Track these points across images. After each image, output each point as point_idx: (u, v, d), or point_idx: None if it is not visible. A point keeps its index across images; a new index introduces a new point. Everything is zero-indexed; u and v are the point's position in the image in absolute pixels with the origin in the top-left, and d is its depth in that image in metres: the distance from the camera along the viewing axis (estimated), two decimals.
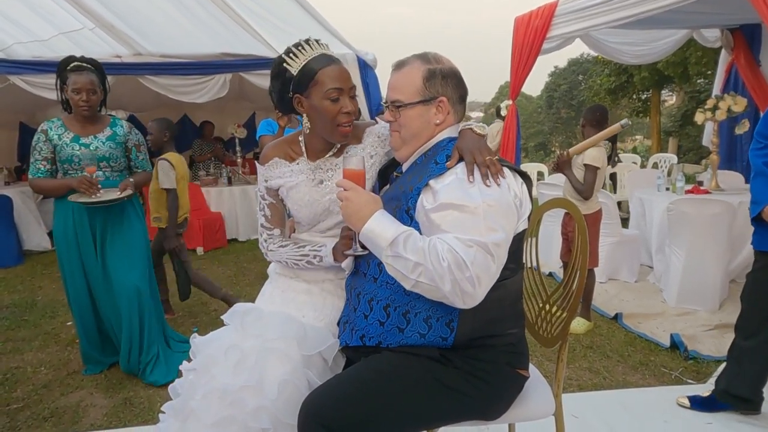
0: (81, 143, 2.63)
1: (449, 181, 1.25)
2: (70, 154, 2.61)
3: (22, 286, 4.60)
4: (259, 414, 1.33)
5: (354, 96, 1.46)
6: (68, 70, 2.61)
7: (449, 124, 1.39)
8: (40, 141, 2.60)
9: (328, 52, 1.47)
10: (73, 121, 2.67)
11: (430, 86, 1.34)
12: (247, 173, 6.75)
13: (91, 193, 2.53)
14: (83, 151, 2.63)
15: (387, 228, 1.21)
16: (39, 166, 2.61)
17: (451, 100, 1.37)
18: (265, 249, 1.58)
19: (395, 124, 1.39)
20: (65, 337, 3.38)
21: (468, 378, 1.30)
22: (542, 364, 2.81)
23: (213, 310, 3.81)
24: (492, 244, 1.16)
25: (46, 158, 2.61)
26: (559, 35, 4.43)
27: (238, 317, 1.51)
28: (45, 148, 2.61)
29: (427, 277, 1.14)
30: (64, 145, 2.61)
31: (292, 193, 1.53)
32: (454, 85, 1.37)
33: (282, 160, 1.55)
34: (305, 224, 1.57)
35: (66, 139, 2.61)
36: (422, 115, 1.36)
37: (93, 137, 2.66)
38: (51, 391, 2.67)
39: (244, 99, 7.64)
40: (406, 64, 1.37)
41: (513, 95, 4.95)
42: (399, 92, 1.36)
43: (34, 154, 2.61)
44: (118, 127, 2.76)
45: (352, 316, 1.40)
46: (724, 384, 2.27)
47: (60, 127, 2.64)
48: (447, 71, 1.36)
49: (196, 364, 1.47)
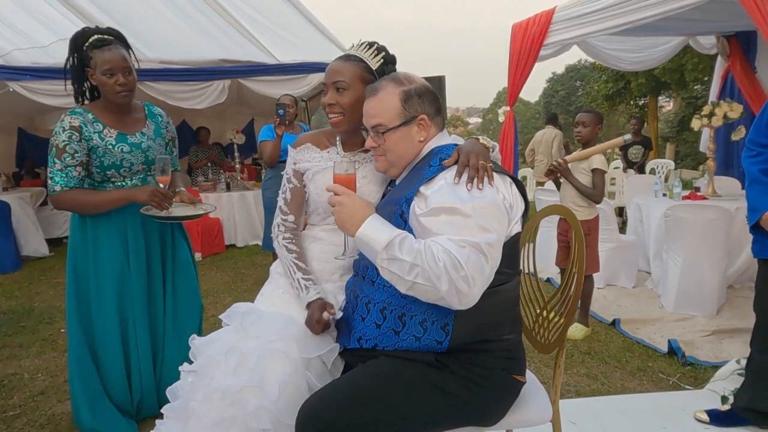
0: (130, 143, 2.07)
1: (438, 186, 1.27)
2: (118, 159, 2.05)
3: (19, 292, 4.59)
4: (259, 414, 1.34)
5: (339, 89, 1.48)
6: (89, 47, 2.01)
7: (432, 137, 1.42)
8: (72, 141, 1.97)
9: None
10: (106, 113, 2.07)
11: (408, 107, 1.37)
12: (245, 179, 6.76)
13: (163, 208, 1.99)
14: (134, 154, 2.08)
15: (382, 232, 1.22)
16: (72, 174, 1.99)
17: (430, 115, 1.40)
18: (275, 234, 1.62)
19: (380, 149, 1.41)
20: (62, 343, 3.36)
21: (464, 383, 1.30)
22: (540, 369, 2.81)
23: (211, 315, 3.80)
24: (485, 244, 1.17)
25: (81, 163, 2.00)
26: (557, 42, 4.46)
27: (238, 318, 1.51)
28: (80, 150, 1.99)
29: (424, 278, 1.15)
30: (109, 147, 2.03)
31: (317, 178, 1.57)
32: (430, 100, 1.41)
33: (314, 146, 1.61)
34: (322, 212, 1.59)
35: (110, 138, 2.04)
36: (406, 135, 1.38)
37: (140, 134, 2.11)
38: (48, 397, 2.66)
39: (243, 105, 7.67)
40: (381, 89, 1.39)
41: (511, 101, 4.96)
42: (380, 117, 1.38)
43: (64, 158, 1.97)
44: (157, 116, 2.22)
45: (351, 318, 1.42)
46: (745, 400, 2.19)
47: (95, 122, 2.02)
48: (421, 89, 1.39)
49: (196, 366, 1.47)
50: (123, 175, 2.11)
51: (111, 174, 2.08)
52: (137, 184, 2.16)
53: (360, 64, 1.48)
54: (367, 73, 1.49)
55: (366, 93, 1.42)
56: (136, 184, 2.16)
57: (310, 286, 1.51)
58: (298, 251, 1.58)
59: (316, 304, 1.46)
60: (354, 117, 1.49)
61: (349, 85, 1.46)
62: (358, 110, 1.47)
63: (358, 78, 1.47)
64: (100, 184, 2.11)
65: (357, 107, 1.47)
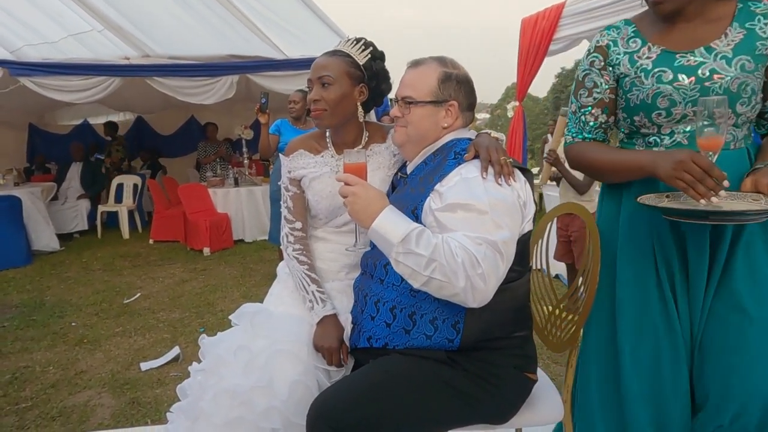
0: (677, 66, 1.25)
1: (454, 183, 1.25)
2: (650, 94, 1.27)
3: (30, 286, 4.63)
4: (269, 414, 1.33)
5: (325, 84, 1.45)
6: None
7: (456, 128, 1.40)
8: (593, 69, 1.36)
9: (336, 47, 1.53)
10: (653, 24, 1.31)
11: (443, 88, 1.35)
12: (253, 174, 6.77)
13: (702, 195, 1.09)
14: (684, 84, 1.24)
15: (398, 224, 1.20)
16: (585, 118, 1.39)
17: (462, 105, 1.38)
18: (284, 246, 1.60)
19: (402, 120, 1.39)
20: (73, 336, 3.40)
21: (477, 381, 1.29)
22: (549, 366, 2.79)
23: (219, 310, 3.82)
24: (501, 242, 1.16)
25: (602, 102, 1.36)
26: (566, 36, 4.41)
27: (247, 318, 1.50)
28: (601, 83, 1.35)
29: (441, 273, 1.14)
30: (640, 74, 1.28)
31: (314, 184, 1.54)
32: (467, 91, 1.39)
33: (306, 152, 1.58)
34: (323, 217, 1.58)
35: (646, 61, 1.28)
36: (431, 115, 1.36)
37: (706, 49, 1.24)
38: (59, 390, 2.68)
39: (251, 100, 7.65)
40: (423, 64, 1.39)
41: (519, 97, 4.93)
42: (412, 89, 1.37)
43: (579, 96, 1.39)
44: (759, 17, 1.25)
45: (360, 318, 1.40)
46: None
47: (632, 39, 1.32)
48: (462, 77, 1.38)
49: (205, 365, 1.47)
50: (657, 123, 1.29)
51: (639, 121, 1.32)
52: (681, 143, 1.28)
53: (346, 59, 1.47)
54: (353, 68, 1.47)
55: (408, 65, 1.41)
56: (680, 143, 1.28)
57: (326, 300, 1.49)
58: (310, 263, 1.55)
59: (333, 328, 1.44)
60: (337, 112, 1.46)
61: (335, 79, 1.44)
62: (343, 106, 1.46)
63: (345, 73, 1.45)
64: (628, 140, 1.40)
65: (341, 103, 1.46)
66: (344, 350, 1.43)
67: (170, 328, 3.50)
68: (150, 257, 5.69)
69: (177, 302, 4.06)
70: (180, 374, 2.79)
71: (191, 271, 5.04)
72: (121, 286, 4.58)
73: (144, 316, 3.77)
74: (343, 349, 1.43)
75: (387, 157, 1.57)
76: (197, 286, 4.50)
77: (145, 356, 3.06)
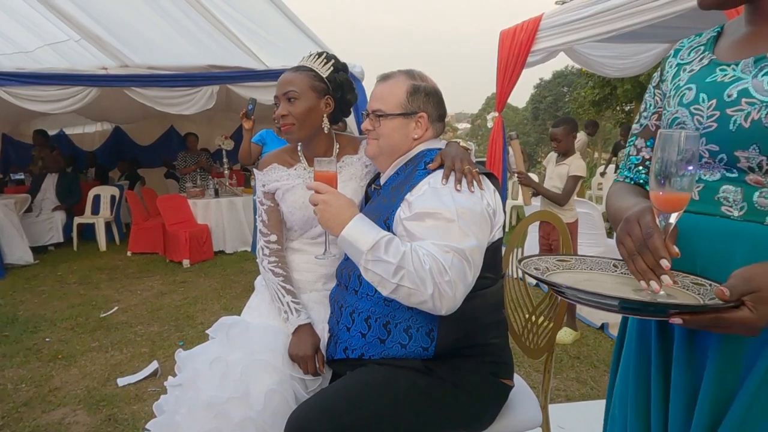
0: (708, 82, 0.91)
1: (423, 192, 1.27)
2: (675, 119, 0.94)
3: (2, 301, 4.50)
4: (245, 425, 1.32)
5: (291, 99, 1.48)
6: None
7: (427, 139, 1.43)
8: (652, 83, 1.07)
9: (300, 62, 1.56)
10: (734, 27, 0.98)
11: (412, 101, 1.38)
12: (234, 185, 6.72)
13: (645, 277, 0.83)
14: (701, 109, 0.90)
15: (368, 232, 1.21)
16: (630, 151, 1.10)
17: (431, 117, 1.41)
18: (260, 259, 1.61)
19: (374, 133, 1.42)
20: (47, 352, 3.31)
21: (452, 388, 1.30)
22: (529, 374, 2.81)
23: (199, 323, 3.76)
24: (468, 250, 1.18)
25: (646, 132, 1.06)
26: (544, 49, 4.50)
27: (224, 330, 1.50)
28: (651, 105, 1.06)
29: (410, 280, 1.15)
30: (673, 90, 0.97)
31: (288, 196, 1.56)
32: (435, 103, 1.42)
33: (280, 165, 1.60)
34: (298, 229, 1.59)
35: (687, 73, 0.96)
36: (402, 127, 1.39)
37: (739, 65, 0.87)
38: (32, 408, 2.61)
39: (231, 111, 7.64)
40: (392, 77, 1.42)
41: (499, 107, 5.00)
42: (381, 102, 1.39)
43: (635, 122, 1.10)
44: None
45: (336, 328, 1.40)
46: None
47: (704, 41, 1.00)
48: (430, 89, 1.41)
49: (182, 379, 1.45)
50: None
51: None
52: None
53: (310, 73, 1.50)
54: (317, 81, 1.51)
55: (377, 78, 1.44)
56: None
57: (301, 310, 1.51)
58: (285, 274, 1.57)
59: (308, 336, 1.45)
60: (305, 126, 1.50)
61: (300, 94, 1.48)
62: (311, 119, 1.49)
63: (309, 87, 1.49)
64: None
65: (309, 116, 1.49)
66: (320, 358, 1.43)
67: (148, 342, 3.44)
68: (128, 270, 5.59)
69: (155, 315, 3.99)
70: (158, 389, 2.74)
71: (170, 283, 4.97)
72: (97, 299, 4.48)
73: (121, 330, 3.70)
74: (318, 357, 1.43)
75: (359, 168, 1.59)
76: (176, 299, 4.43)
77: (123, 371, 2.99)
